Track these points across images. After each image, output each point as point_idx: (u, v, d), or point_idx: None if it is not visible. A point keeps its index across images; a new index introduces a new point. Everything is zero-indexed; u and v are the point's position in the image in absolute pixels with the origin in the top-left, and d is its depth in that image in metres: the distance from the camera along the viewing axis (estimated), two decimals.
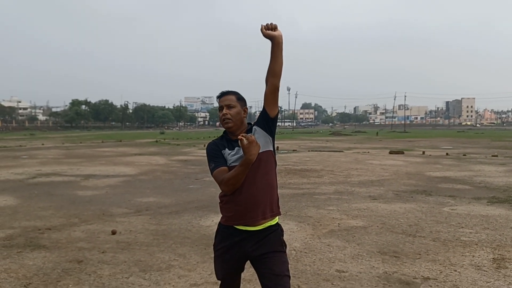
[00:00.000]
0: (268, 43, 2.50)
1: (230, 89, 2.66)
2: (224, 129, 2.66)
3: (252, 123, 2.66)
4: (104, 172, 13.70)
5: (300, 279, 4.26)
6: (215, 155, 2.58)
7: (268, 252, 2.51)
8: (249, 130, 2.59)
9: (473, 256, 5.00)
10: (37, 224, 6.64)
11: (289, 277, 2.53)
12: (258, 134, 2.55)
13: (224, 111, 2.59)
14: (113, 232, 6.01)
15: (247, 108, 2.66)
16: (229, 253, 2.59)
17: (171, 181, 11.72)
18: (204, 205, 8.05)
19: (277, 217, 2.61)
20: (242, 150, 2.39)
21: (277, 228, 2.60)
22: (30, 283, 4.19)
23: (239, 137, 2.37)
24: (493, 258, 4.91)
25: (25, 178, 12.17)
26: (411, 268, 4.59)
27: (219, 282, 2.82)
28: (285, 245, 2.61)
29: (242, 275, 4.15)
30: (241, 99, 2.63)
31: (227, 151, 2.58)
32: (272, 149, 2.61)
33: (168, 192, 9.79)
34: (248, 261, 2.65)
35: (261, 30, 2.45)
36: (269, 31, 2.45)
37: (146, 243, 5.55)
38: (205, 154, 2.66)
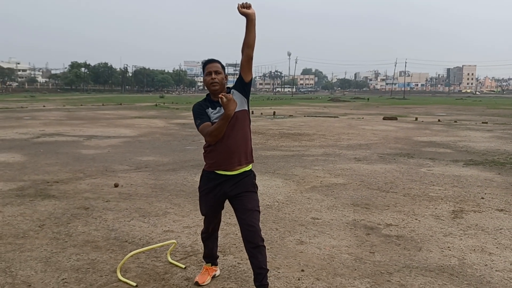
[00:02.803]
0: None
1: (214, 58, 3.17)
2: (207, 93, 3.19)
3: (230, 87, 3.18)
4: (106, 133, 14.28)
5: (279, 224, 4.89)
6: (200, 113, 3.12)
7: (242, 192, 3.09)
8: (228, 93, 3.12)
9: (436, 208, 5.63)
10: (45, 177, 7.26)
11: (259, 212, 3.12)
12: (235, 96, 3.07)
13: (213, 75, 3.09)
14: (116, 185, 6.63)
15: (227, 75, 3.18)
16: (211, 193, 3.18)
17: (169, 142, 12.31)
18: (199, 163, 8.60)
19: (250, 164, 3.18)
20: (222, 107, 2.92)
21: (250, 173, 3.17)
22: (43, 224, 4.82)
23: (220, 95, 2.89)
24: (453, 210, 5.54)
25: (30, 138, 12.76)
26: (377, 217, 5.23)
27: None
28: (257, 187, 3.20)
29: (229, 220, 4.80)
30: (223, 67, 3.15)
31: (210, 110, 3.11)
32: (247, 109, 3.15)
33: (166, 152, 10.39)
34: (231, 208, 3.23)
35: (238, 8, 2.93)
36: (244, 9, 2.93)
37: (146, 195, 6.18)
38: None
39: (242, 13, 2.92)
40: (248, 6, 2.91)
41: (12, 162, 8.68)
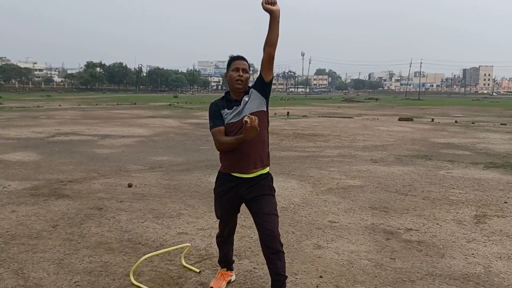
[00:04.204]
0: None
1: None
2: (226, 91, 3.09)
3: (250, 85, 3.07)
4: (120, 133, 14.30)
5: (295, 227, 4.77)
6: (215, 116, 3.00)
7: (259, 195, 2.97)
8: (247, 92, 3.01)
9: (457, 212, 5.44)
10: (59, 177, 7.24)
11: (277, 216, 3.00)
12: (254, 96, 2.97)
13: (241, 73, 2.96)
14: (129, 185, 6.58)
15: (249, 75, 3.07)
16: (226, 196, 3.07)
17: (183, 142, 12.26)
18: (213, 164, 8.56)
19: (267, 168, 3.05)
20: (243, 129, 2.72)
21: (267, 176, 3.05)
22: (57, 224, 4.77)
23: (246, 117, 2.67)
24: (475, 215, 5.35)
25: (45, 137, 12.83)
26: (397, 221, 5.07)
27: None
28: (274, 190, 3.08)
29: (244, 222, 4.69)
30: (249, 68, 3.04)
31: (226, 110, 3.00)
32: (265, 110, 3.04)
33: (180, 152, 10.33)
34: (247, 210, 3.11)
35: (262, 4, 2.81)
36: (269, 6, 2.80)
37: (159, 195, 6.10)
38: None
39: (266, 10, 2.79)
40: (273, 3, 2.79)
41: (27, 161, 8.70)
